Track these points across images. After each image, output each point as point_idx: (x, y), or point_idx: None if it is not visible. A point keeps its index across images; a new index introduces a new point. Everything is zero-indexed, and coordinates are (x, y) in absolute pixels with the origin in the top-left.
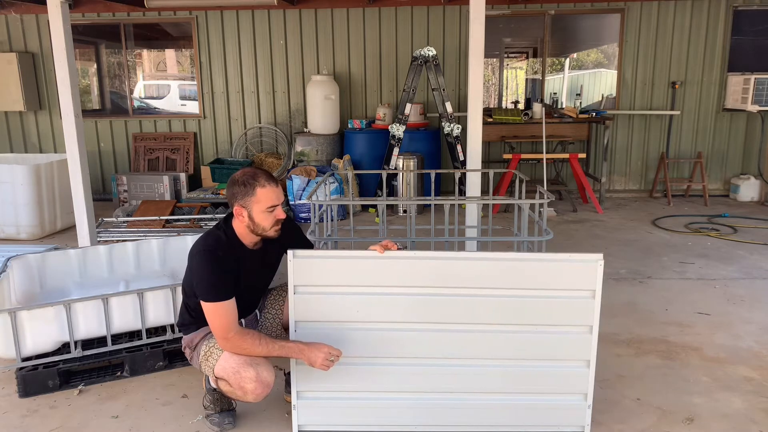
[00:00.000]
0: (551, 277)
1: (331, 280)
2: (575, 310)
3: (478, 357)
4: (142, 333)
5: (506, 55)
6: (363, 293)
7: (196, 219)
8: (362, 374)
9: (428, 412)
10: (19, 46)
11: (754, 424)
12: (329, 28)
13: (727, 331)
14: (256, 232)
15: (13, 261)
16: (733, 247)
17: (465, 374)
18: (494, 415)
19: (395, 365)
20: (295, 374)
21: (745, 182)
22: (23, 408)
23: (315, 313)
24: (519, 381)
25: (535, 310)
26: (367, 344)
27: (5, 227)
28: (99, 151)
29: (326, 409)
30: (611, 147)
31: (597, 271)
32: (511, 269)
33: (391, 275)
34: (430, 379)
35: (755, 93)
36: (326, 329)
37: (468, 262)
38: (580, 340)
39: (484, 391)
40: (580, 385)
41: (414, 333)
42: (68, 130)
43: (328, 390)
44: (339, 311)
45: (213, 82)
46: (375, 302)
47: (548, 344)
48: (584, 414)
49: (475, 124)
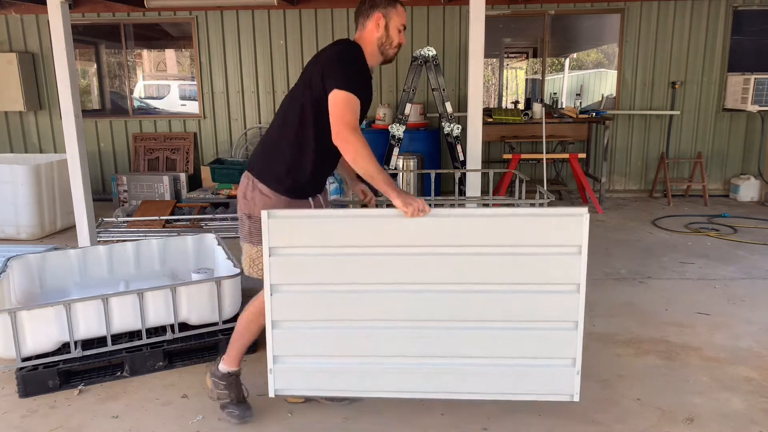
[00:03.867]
0: (537, 233)
1: (310, 241)
2: (562, 267)
3: (463, 319)
4: (142, 333)
5: (506, 55)
6: (344, 254)
7: (196, 219)
8: (342, 338)
9: (410, 378)
10: (19, 46)
11: (754, 424)
12: (329, 28)
13: (727, 331)
14: (383, 46)
15: (13, 261)
16: (733, 247)
17: (448, 337)
18: (479, 382)
19: (376, 328)
20: (272, 338)
21: (745, 182)
22: (23, 408)
23: (293, 275)
24: (505, 345)
25: (521, 268)
26: (347, 307)
27: (5, 227)
28: (99, 151)
29: (304, 373)
30: (611, 147)
31: (583, 225)
32: (496, 225)
33: (372, 235)
34: (412, 343)
35: (755, 93)
36: (305, 292)
37: (453, 219)
38: (568, 299)
39: (468, 355)
40: (569, 348)
41: (396, 294)
42: (68, 130)
43: (306, 354)
44: (319, 273)
45: (213, 82)
46: (356, 263)
47: (535, 304)
48: (573, 380)
49: (475, 124)
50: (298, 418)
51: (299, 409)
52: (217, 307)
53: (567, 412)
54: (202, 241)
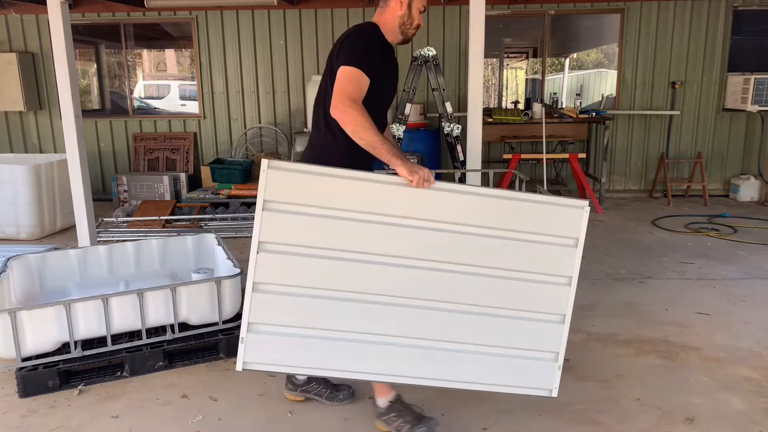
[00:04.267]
0: (537, 220)
1: (306, 198)
2: (556, 258)
3: (453, 300)
4: (142, 333)
5: (506, 55)
6: (339, 217)
7: (196, 219)
8: (325, 309)
9: (392, 361)
10: (19, 46)
11: (754, 424)
12: (329, 28)
13: (727, 331)
14: (404, 24)
15: (13, 261)
16: (733, 247)
17: (437, 319)
18: (464, 369)
19: (362, 302)
20: (250, 302)
21: (745, 182)
22: (23, 408)
23: (283, 234)
24: (492, 332)
25: (516, 254)
26: (335, 276)
27: (5, 227)
28: (99, 151)
29: (279, 346)
30: (611, 147)
31: (582, 217)
32: (497, 206)
33: (371, 201)
34: (399, 321)
35: (755, 93)
36: (294, 254)
37: (456, 195)
38: (558, 291)
39: (456, 340)
40: (553, 342)
41: (387, 267)
42: (68, 130)
43: (285, 324)
44: (310, 235)
45: (213, 82)
46: (350, 229)
47: (526, 293)
48: (553, 375)
49: (475, 124)
50: (298, 418)
51: (299, 409)
52: (217, 307)
53: (567, 413)
54: (202, 241)
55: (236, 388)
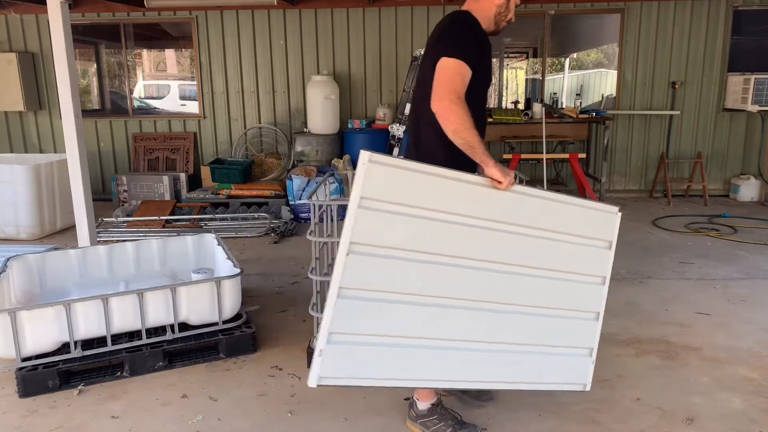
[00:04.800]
0: (573, 221)
1: (402, 195)
2: (594, 259)
3: (510, 302)
4: (142, 333)
5: (506, 55)
6: (436, 219)
7: (196, 219)
8: (408, 314)
9: (460, 365)
10: (19, 46)
11: (754, 424)
12: (329, 28)
13: (727, 331)
14: (500, 15)
15: (13, 261)
16: (733, 247)
17: (494, 321)
18: (513, 371)
19: (441, 306)
20: (333, 309)
21: (745, 182)
22: (23, 408)
23: (378, 234)
24: (538, 331)
25: (561, 255)
26: (423, 278)
27: (5, 227)
28: (99, 151)
29: (355, 357)
30: (611, 147)
31: (615, 222)
32: (550, 208)
33: (469, 203)
34: (467, 324)
35: (755, 93)
36: (384, 257)
37: (524, 197)
38: (594, 290)
39: (508, 341)
40: (589, 339)
41: (466, 270)
42: (68, 130)
43: (368, 333)
44: (405, 236)
45: (213, 82)
46: (445, 231)
47: (567, 292)
48: (588, 370)
49: None
50: (298, 418)
51: (299, 409)
52: (217, 307)
53: (567, 413)
54: (202, 241)
55: (236, 388)
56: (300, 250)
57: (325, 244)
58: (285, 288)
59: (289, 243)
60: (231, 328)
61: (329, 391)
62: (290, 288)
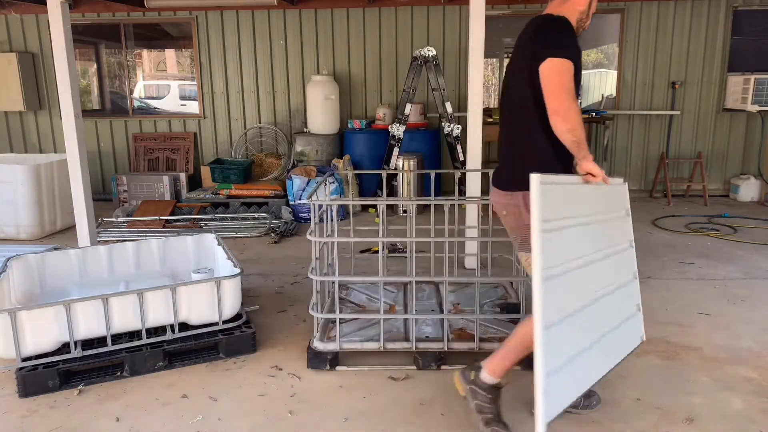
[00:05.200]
0: (617, 198)
1: (575, 209)
2: (623, 227)
3: (607, 285)
4: (142, 333)
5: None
6: (591, 222)
7: (196, 219)
8: (587, 318)
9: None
10: (19, 46)
11: (754, 424)
12: (329, 28)
13: (727, 331)
14: (581, 21)
15: (13, 261)
16: (733, 247)
17: (602, 307)
18: (616, 351)
19: (596, 303)
20: (544, 347)
21: (745, 182)
22: (23, 408)
23: (561, 252)
24: (619, 305)
25: (617, 231)
26: (591, 279)
27: (5, 227)
28: (99, 151)
29: (570, 380)
30: (611, 147)
31: (626, 192)
32: (616, 192)
33: (598, 202)
34: (599, 316)
35: (755, 93)
36: (567, 272)
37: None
38: (629, 254)
39: (610, 325)
40: (635, 296)
41: (598, 263)
42: (68, 130)
43: (570, 353)
44: (578, 247)
45: (213, 82)
46: (595, 231)
47: (621, 262)
48: (641, 323)
49: (475, 124)
50: (299, 418)
51: (299, 409)
52: (217, 307)
53: (566, 412)
54: (202, 241)
55: (236, 388)
56: (300, 250)
57: (325, 244)
58: (285, 288)
59: (289, 243)
60: (231, 328)
61: (329, 392)
62: (290, 288)
